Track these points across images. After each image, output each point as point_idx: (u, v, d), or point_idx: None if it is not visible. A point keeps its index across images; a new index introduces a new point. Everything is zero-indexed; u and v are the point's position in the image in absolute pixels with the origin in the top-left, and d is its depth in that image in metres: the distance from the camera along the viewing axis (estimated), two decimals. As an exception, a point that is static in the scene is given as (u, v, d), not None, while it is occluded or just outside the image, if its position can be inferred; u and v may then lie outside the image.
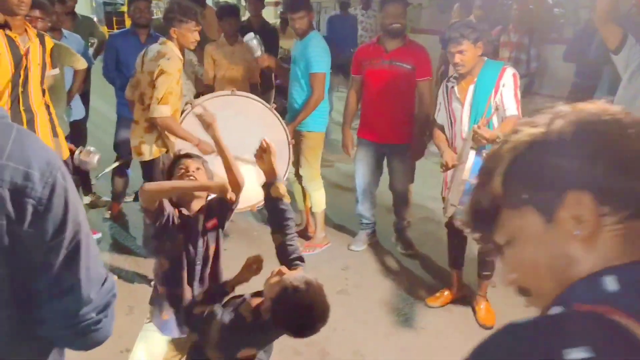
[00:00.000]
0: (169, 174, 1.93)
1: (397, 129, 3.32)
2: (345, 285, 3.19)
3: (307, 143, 3.42)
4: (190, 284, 1.85)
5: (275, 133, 3.14)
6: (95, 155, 2.97)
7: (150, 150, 2.94)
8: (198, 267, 1.85)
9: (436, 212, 4.02)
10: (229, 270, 1.94)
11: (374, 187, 3.58)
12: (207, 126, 1.99)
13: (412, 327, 2.81)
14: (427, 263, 3.47)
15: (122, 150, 3.74)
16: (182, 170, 1.87)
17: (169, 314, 1.88)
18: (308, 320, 1.35)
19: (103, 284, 0.93)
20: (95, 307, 0.90)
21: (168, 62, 2.76)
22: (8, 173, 0.79)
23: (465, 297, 3.00)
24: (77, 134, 3.74)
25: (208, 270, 1.88)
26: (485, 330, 2.77)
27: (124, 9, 8.64)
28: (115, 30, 4.58)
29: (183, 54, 3.28)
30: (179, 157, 1.94)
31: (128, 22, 8.11)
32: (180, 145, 2.90)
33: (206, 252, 1.86)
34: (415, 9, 7.81)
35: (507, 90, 2.50)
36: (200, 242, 1.83)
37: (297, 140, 3.41)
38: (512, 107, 2.50)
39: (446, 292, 3.00)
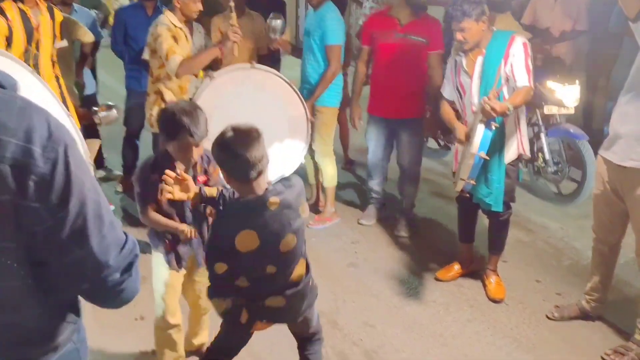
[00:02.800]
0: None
1: (409, 103, 3.27)
2: (355, 259, 3.21)
3: (322, 118, 3.39)
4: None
5: (294, 108, 3.11)
6: (113, 108, 3.00)
7: (156, 123, 2.95)
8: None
9: (446, 187, 4.00)
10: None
11: (386, 162, 3.55)
12: None
13: (421, 300, 2.82)
14: (438, 237, 3.46)
15: (133, 123, 3.74)
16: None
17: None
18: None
19: (123, 246, 0.93)
20: (116, 269, 0.91)
21: (155, 27, 2.82)
22: (9, 150, 0.79)
23: (475, 272, 2.99)
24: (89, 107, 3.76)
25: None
26: (495, 304, 2.78)
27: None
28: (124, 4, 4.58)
29: (191, 26, 3.25)
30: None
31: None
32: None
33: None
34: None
35: (517, 60, 2.43)
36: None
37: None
38: (522, 78, 2.43)
39: (456, 267, 3.00)
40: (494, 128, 2.32)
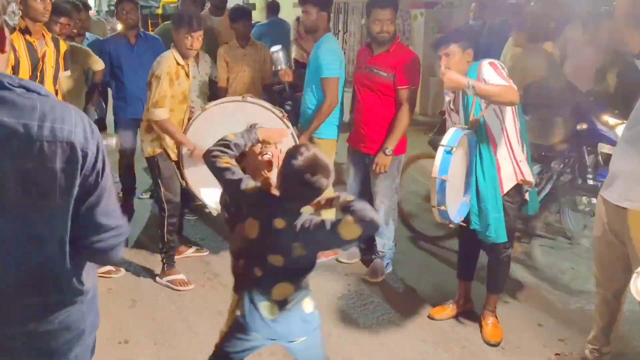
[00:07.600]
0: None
1: (375, 140, 3.08)
2: (347, 292, 3.12)
3: None
4: None
5: (285, 143, 3.09)
6: (113, 138, 3.05)
7: (147, 149, 3.02)
8: None
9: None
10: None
11: (364, 198, 3.35)
12: None
13: (410, 338, 2.69)
14: (436, 273, 3.33)
15: (125, 150, 3.81)
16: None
17: None
18: (312, 169, 1.56)
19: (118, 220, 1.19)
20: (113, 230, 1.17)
21: (158, 64, 2.84)
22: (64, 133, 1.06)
23: (471, 311, 2.85)
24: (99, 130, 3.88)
25: None
26: (489, 347, 2.62)
27: (159, 11, 8.91)
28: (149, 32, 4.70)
29: (197, 57, 3.32)
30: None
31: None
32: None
33: None
34: (445, 8, 7.55)
35: (488, 76, 2.32)
36: None
37: None
38: (499, 81, 2.29)
39: (451, 305, 2.86)
40: (454, 152, 2.20)
